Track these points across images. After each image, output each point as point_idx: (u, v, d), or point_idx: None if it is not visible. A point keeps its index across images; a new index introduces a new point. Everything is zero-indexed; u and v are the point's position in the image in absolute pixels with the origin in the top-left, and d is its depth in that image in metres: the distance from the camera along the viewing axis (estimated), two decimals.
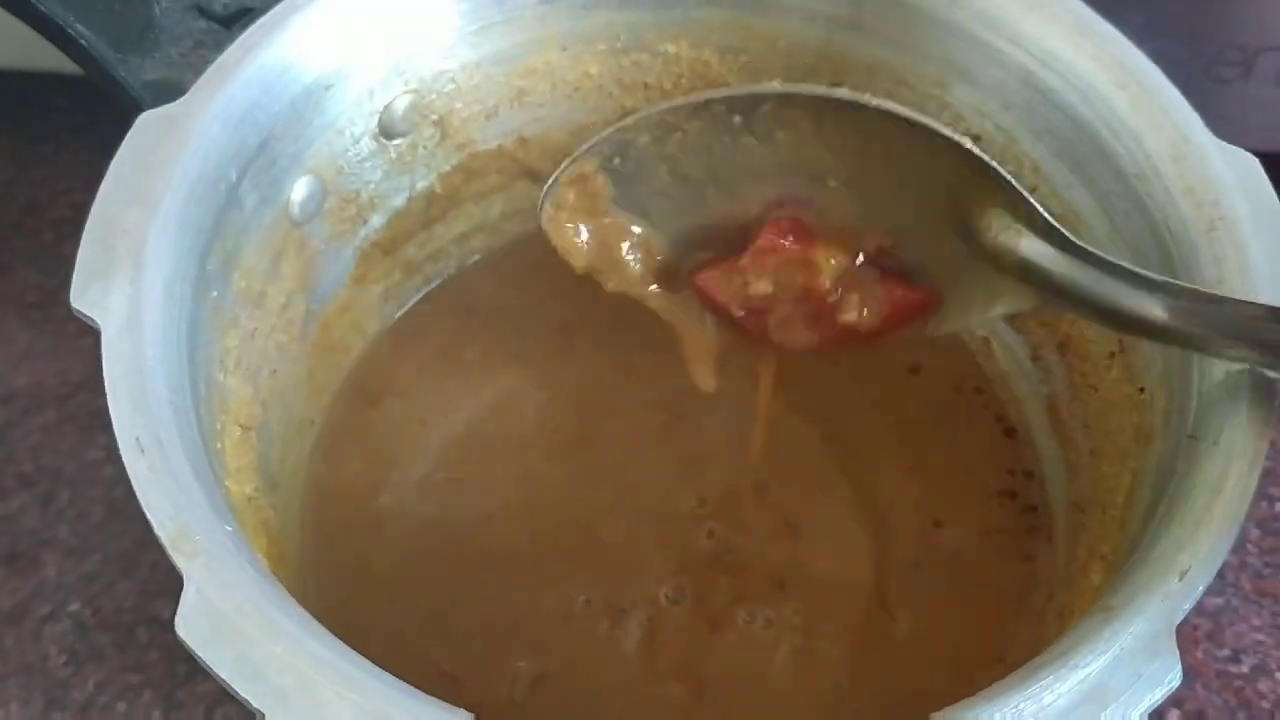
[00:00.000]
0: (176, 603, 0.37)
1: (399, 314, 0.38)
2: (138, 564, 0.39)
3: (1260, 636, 0.39)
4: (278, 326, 0.32)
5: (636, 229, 0.34)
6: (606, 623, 0.32)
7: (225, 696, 0.36)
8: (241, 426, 0.29)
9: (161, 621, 0.38)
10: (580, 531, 0.34)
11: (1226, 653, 0.38)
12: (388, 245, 0.36)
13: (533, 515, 0.34)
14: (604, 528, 0.34)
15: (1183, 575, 0.22)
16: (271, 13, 0.30)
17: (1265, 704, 0.37)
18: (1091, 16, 0.31)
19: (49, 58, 0.45)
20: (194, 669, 0.36)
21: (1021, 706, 0.20)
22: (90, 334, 0.43)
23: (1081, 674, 0.21)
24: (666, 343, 0.38)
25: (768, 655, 0.32)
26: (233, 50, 0.29)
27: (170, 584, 0.38)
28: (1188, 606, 0.22)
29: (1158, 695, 0.21)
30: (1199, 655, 0.38)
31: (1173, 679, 0.21)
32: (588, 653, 0.32)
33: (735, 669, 0.32)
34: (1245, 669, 0.38)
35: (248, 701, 0.21)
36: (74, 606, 0.38)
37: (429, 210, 0.37)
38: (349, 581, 0.33)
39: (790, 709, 0.31)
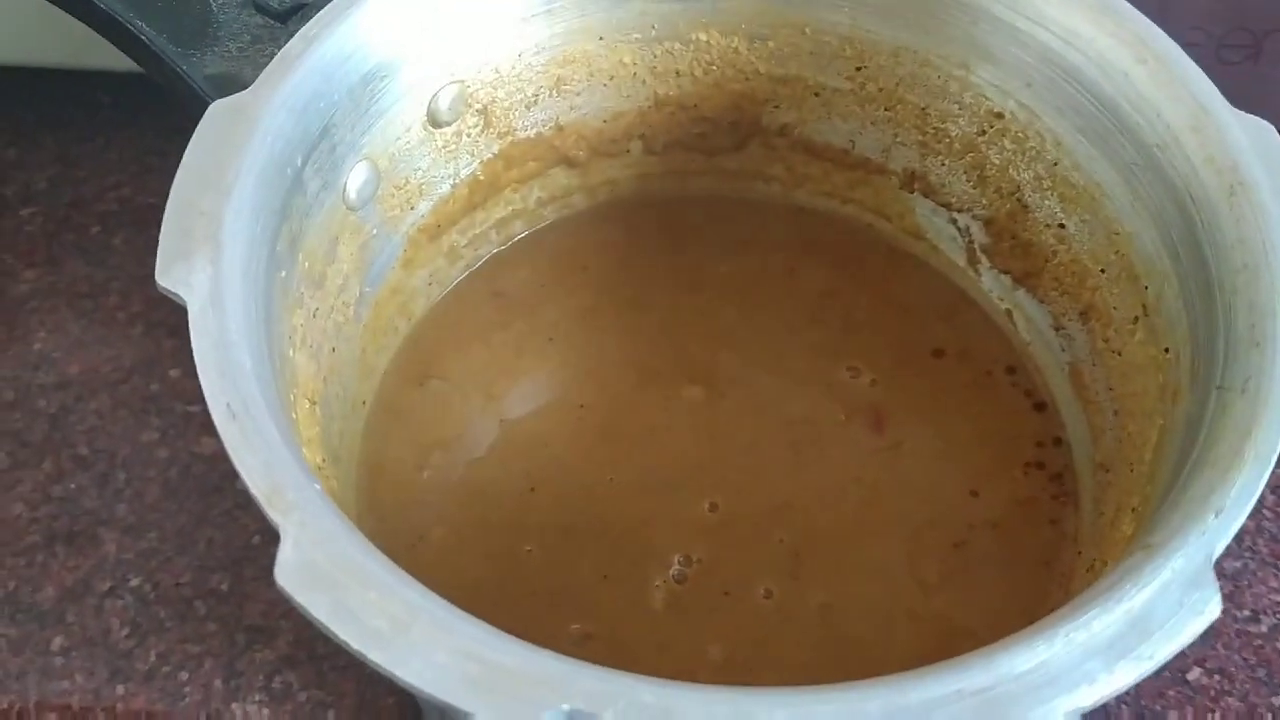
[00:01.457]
0: (232, 577, 0.39)
1: (440, 297, 0.39)
2: (194, 540, 0.40)
3: (1278, 597, 0.40)
4: (336, 307, 0.34)
5: None
6: (641, 587, 0.34)
7: (284, 664, 0.38)
8: (310, 400, 0.31)
9: (219, 594, 0.39)
10: (613, 502, 0.35)
11: (1246, 613, 0.40)
12: (433, 231, 0.38)
13: (569, 488, 0.36)
14: (635, 499, 0.35)
15: (1218, 513, 0.23)
16: (330, 6, 0.32)
17: None
18: None
19: (94, 56, 0.46)
20: (253, 638, 0.38)
21: (1072, 635, 0.22)
22: (140, 322, 0.45)
23: (1127, 605, 0.22)
24: (691, 322, 0.39)
25: (797, 622, 0.33)
26: (295, 42, 0.31)
27: (226, 559, 0.40)
28: (1223, 542, 0.23)
29: (1200, 624, 0.22)
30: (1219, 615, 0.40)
31: (1213, 608, 0.22)
32: (626, 614, 0.33)
33: (764, 634, 0.33)
34: (1264, 628, 0.40)
35: (347, 644, 0.22)
36: (134, 581, 0.39)
37: (471, 197, 0.38)
38: (402, 554, 0.34)
39: (818, 668, 0.33)
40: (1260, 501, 0.42)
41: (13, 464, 0.42)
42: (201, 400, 0.42)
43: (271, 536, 0.39)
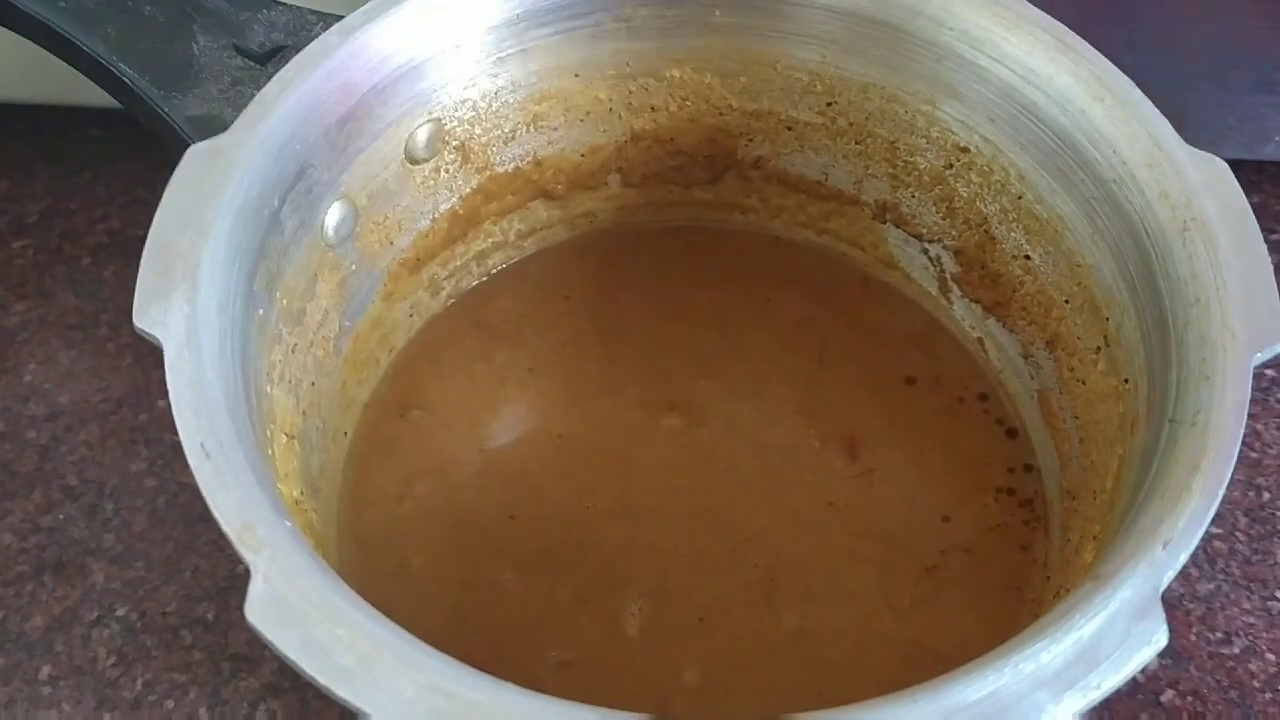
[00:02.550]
0: (218, 606, 0.40)
1: (420, 328, 0.40)
2: (180, 569, 0.41)
3: (1250, 619, 0.41)
4: (315, 342, 0.34)
5: None
6: (618, 612, 0.34)
7: (268, 693, 0.38)
8: (287, 435, 0.31)
9: (205, 623, 0.39)
10: (591, 530, 0.36)
11: (1219, 635, 0.40)
12: (413, 264, 0.39)
13: (548, 516, 0.36)
14: (613, 527, 0.36)
15: (1165, 545, 0.24)
16: (306, 50, 0.33)
17: (1256, 683, 0.39)
18: (1069, 35, 0.33)
19: (84, 93, 0.47)
20: (238, 667, 0.39)
21: (1021, 666, 0.22)
22: (129, 353, 0.46)
23: (1075, 635, 0.23)
24: (670, 351, 0.40)
25: (771, 647, 0.34)
26: (271, 86, 0.32)
27: (211, 588, 0.40)
28: (1171, 573, 0.24)
29: (1146, 653, 0.23)
30: (1192, 638, 0.40)
31: (1159, 638, 0.23)
32: (603, 640, 0.34)
33: (739, 658, 0.34)
34: (1236, 650, 0.40)
35: (314, 679, 0.23)
36: (121, 611, 0.40)
37: (451, 230, 0.39)
38: (383, 582, 0.35)
39: (792, 692, 0.33)
40: (1233, 524, 0.43)
41: (2, 494, 0.42)
42: None
43: None
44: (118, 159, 0.51)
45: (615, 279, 0.42)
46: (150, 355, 0.46)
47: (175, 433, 0.43)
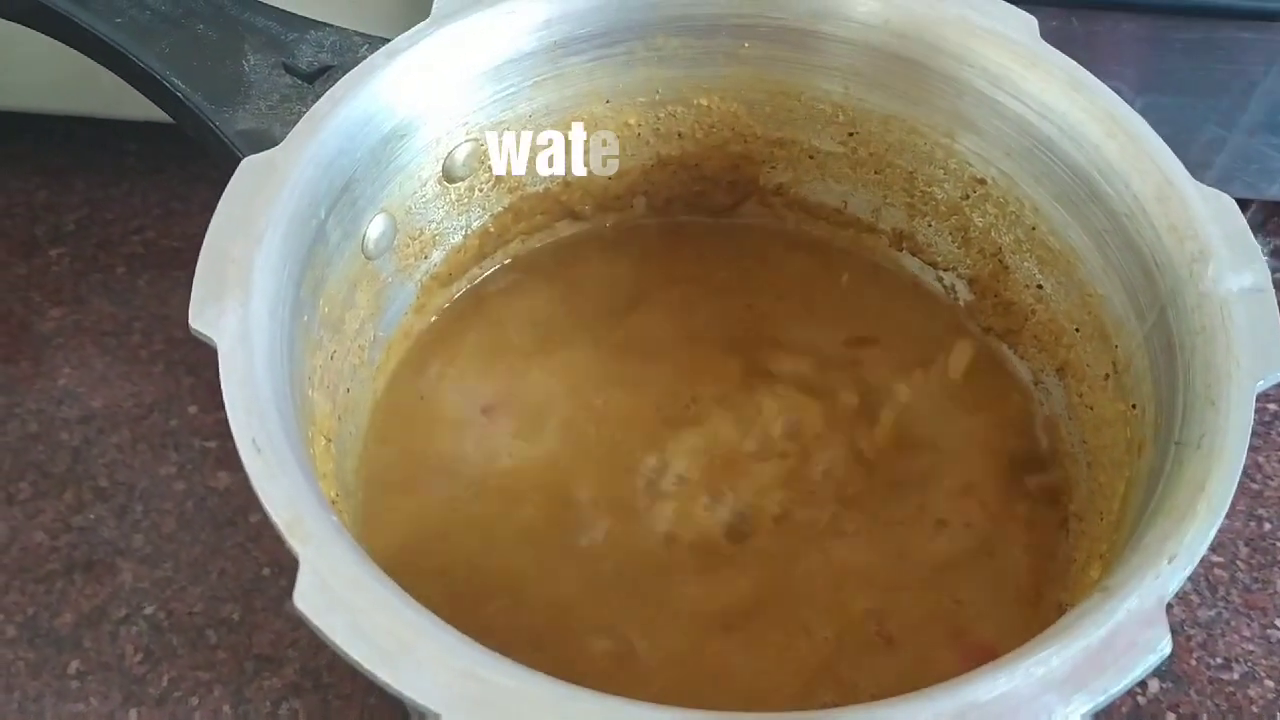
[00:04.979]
0: (243, 607, 0.41)
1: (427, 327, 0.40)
2: (207, 571, 0.42)
3: (1250, 646, 0.42)
4: (352, 350, 0.36)
5: None
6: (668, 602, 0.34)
7: (290, 692, 0.39)
8: (325, 437, 0.33)
9: (230, 623, 0.40)
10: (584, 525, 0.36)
11: (1219, 661, 0.41)
12: (445, 278, 0.40)
13: (553, 509, 0.36)
14: (636, 527, 0.36)
15: (1170, 560, 0.25)
16: (355, 70, 0.34)
17: (1255, 709, 0.40)
18: (1083, 73, 0.34)
19: (123, 107, 0.49)
20: (261, 667, 0.40)
21: (1032, 670, 0.24)
22: (161, 360, 0.47)
23: (1084, 642, 0.24)
24: (660, 354, 0.40)
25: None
26: (322, 103, 0.33)
27: (237, 590, 0.41)
28: (1175, 586, 0.25)
29: (1151, 660, 0.24)
30: (1193, 663, 0.41)
31: (1164, 647, 0.24)
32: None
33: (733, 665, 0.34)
34: (1236, 676, 0.41)
35: (359, 663, 0.24)
36: (149, 610, 0.41)
37: (482, 247, 0.41)
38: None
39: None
40: (1234, 554, 0.44)
41: (35, 494, 0.43)
42: (218, 436, 0.45)
43: (281, 570, 0.42)
44: (154, 172, 0.53)
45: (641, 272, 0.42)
46: (182, 363, 0.47)
47: (204, 439, 0.45)
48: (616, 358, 0.40)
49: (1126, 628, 0.24)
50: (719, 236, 0.43)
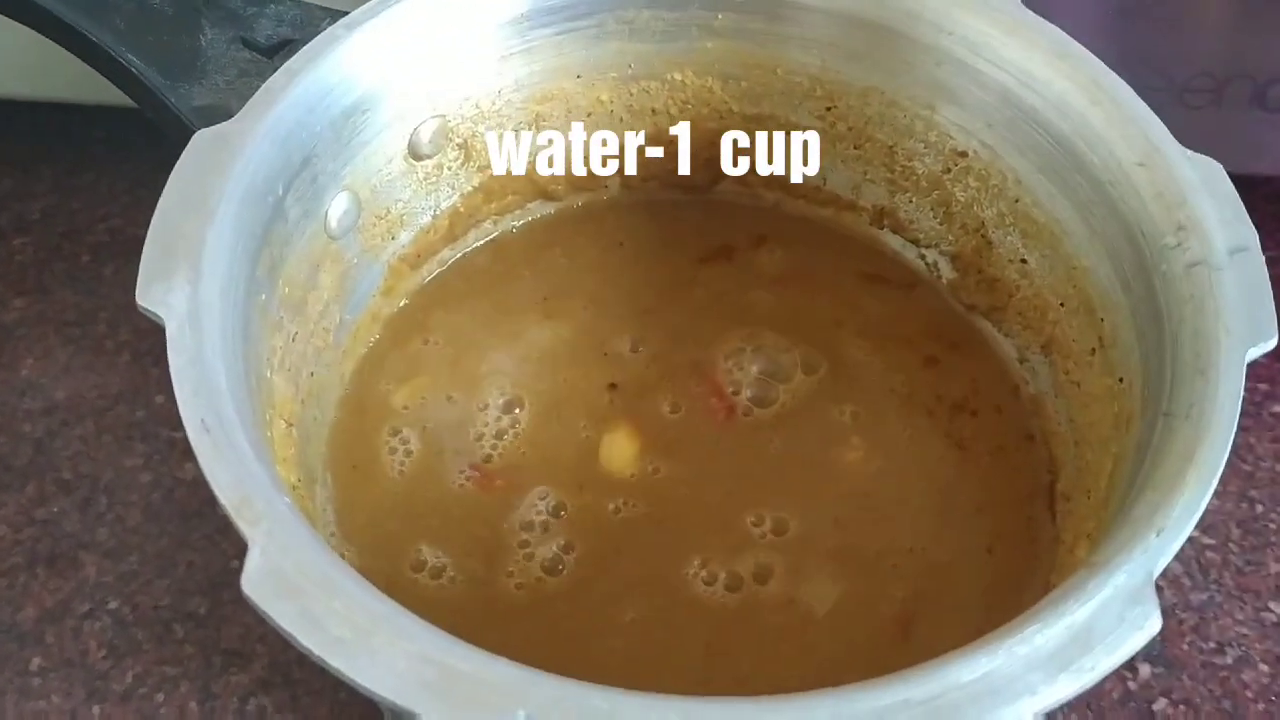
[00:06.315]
0: (210, 601, 0.40)
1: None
2: (174, 564, 0.40)
3: (1243, 630, 0.41)
4: (315, 333, 0.35)
5: None
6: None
7: (259, 688, 0.38)
8: (286, 421, 0.32)
9: (197, 617, 0.39)
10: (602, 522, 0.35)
11: (1212, 645, 0.40)
12: (414, 260, 0.39)
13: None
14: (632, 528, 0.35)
15: (1159, 533, 0.24)
16: (314, 41, 0.33)
17: (1249, 693, 0.39)
18: (1066, 39, 0.34)
19: (89, 91, 0.47)
20: (229, 662, 0.39)
21: (1015, 649, 0.23)
22: (127, 350, 0.46)
23: (1069, 619, 0.23)
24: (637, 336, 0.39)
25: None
26: (279, 75, 0.32)
27: (204, 583, 0.40)
28: (1164, 560, 0.24)
29: (1140, 638, 0.23)
30: (1185, 647, 0.40)
31: (1152, 624, 0.23)
32: None
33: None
34: (1229, 660, 0.40)
35: (310, 650, 0.22)
36: (113, 604, 0.40)
37: (452, 228, 0.39)
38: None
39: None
40: (1226, 535, 0.43)
41: None
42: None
43: None
44: (121, 159, 0.51)
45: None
46: (149, 353, 0.46)
47: (172, 429, 0.44)
48: (591, 340, 0.39)
49: (1113, 604, 0.23)
50: (695, 213, 0.42)
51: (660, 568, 0.34)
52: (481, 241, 0.41)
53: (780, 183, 0.41)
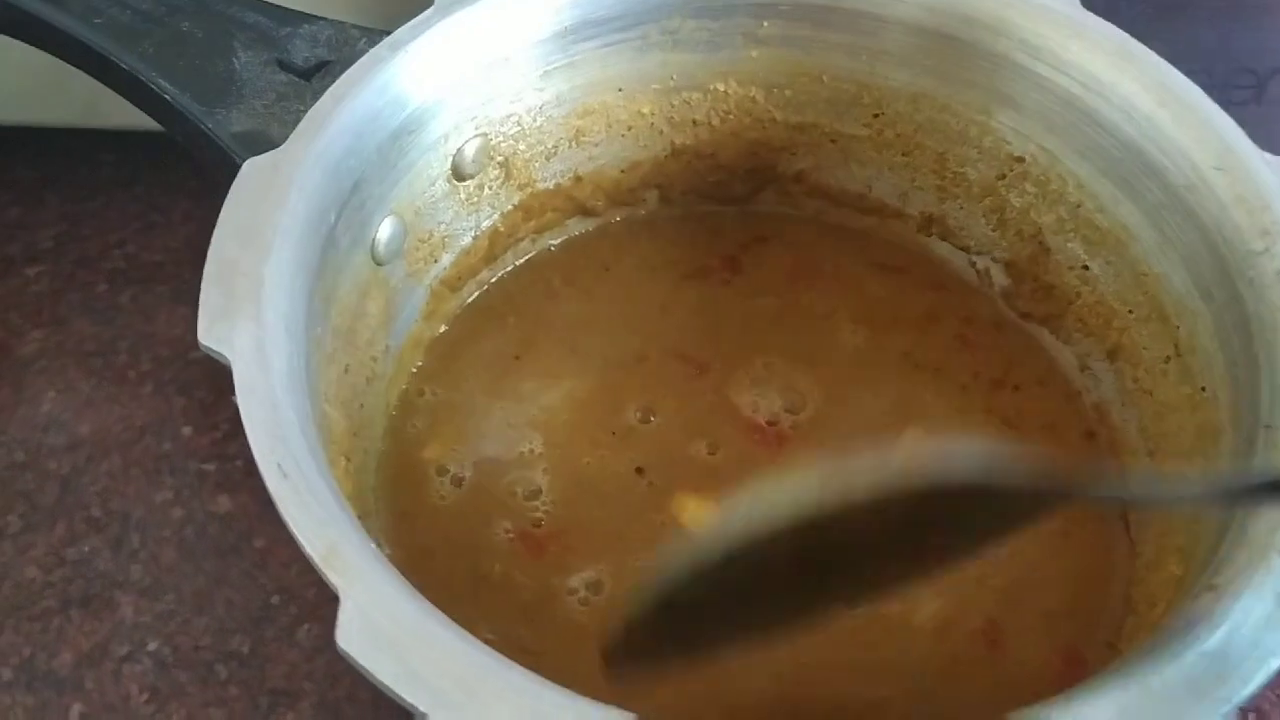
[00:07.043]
0: (253, 639, 0.38)
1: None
2: (212, 601, 0.39)
3: None
4: (364, 362, 0.33)
5: None
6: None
7: None
8: (345, 456, 0.30)
9: (240, 656, 0.38)
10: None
11: None
12: (454, 283, 0.38)
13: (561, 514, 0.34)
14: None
15: None
16: (357, 64, 0.32)
17: None
18: (1127, 40, 0.33)
19: (95, 115, 0.46)
20: (276, 701, 0.37)
21: (1147, 681, 0.22)
22: (150, 381, 0.44)
23: (1200, 648, 0.22)
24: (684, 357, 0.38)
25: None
26: (325, 100, 0.31)
27: (245, 620, 0.39)
28: None
29: (1273, 664, 0.22)
30: None
31: None
32: None
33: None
34: None
35: (413, 707, 0.21)
36: (152, 645, 0.38)
37: (491, 249, 0.38)
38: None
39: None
40: None
41: (25, 527, 0.41)
42: (216, 458, 0.42)
43: (291, 597, 0.39)
44: (131, 183, 0.50)
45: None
46: (172, 382, 0.44)
47: (200, 461, 0.43)
48: (638, 361, 0.38)
49: (1244, 630, 0.22)
50: (735, 226, 0.41)
51: None
52: (520, 261, 0.40)
53: (823, 191, 0.40)
